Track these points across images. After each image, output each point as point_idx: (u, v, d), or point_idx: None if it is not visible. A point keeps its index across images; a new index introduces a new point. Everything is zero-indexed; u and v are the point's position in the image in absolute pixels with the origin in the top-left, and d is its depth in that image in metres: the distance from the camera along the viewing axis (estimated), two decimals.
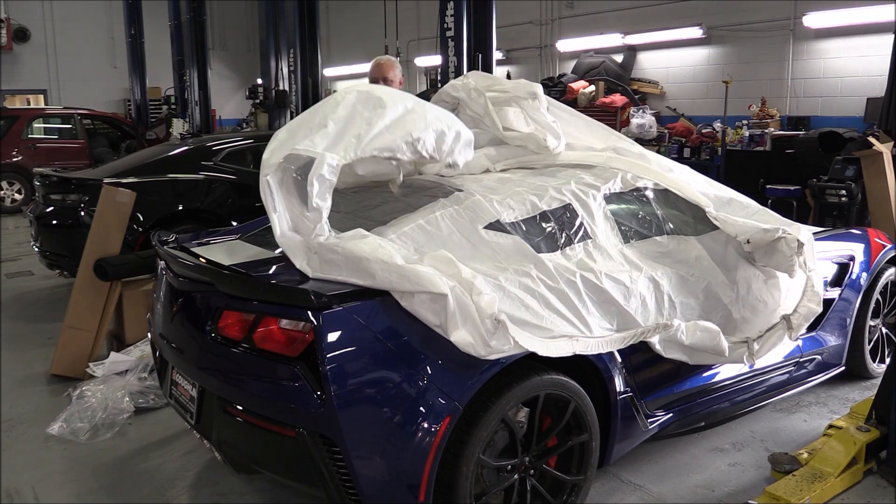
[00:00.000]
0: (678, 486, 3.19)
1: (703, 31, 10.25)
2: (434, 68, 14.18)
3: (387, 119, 2.79)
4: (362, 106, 2.81)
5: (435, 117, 2.94)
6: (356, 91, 2.90)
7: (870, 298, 4.12)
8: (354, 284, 2.43)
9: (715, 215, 3.25)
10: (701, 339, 2.94)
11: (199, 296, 2.77)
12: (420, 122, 2.86)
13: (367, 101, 2.83)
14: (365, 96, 2.86)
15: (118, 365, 4.17)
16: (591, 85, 11.22)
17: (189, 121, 13.87)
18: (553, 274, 2.68)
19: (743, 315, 3.17)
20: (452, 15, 7.16)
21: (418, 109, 2.91)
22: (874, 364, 4.25)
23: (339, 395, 2.30)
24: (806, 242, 3.16)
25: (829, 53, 9.17)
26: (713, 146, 9.67)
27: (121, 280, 4.59)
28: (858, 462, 3.15)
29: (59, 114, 13.62)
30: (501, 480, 2.66)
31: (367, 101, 2.84)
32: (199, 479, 3.30)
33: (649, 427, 3.05)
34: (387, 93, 2.92)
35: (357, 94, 2.87)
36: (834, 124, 8.51)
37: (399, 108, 2.85)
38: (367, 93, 2.89)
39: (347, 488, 2.38)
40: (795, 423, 3.80)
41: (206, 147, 6.78)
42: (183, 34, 14.14)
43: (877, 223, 6.57)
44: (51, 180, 6.25)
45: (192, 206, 6.26)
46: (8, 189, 12.27)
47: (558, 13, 12.52)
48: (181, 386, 2.91)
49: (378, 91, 2.93)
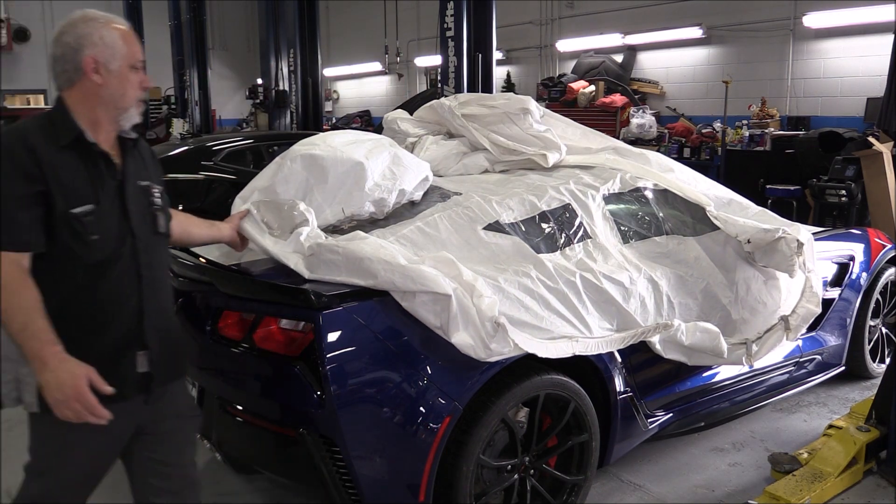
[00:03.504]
0: (678, 486, 3.19)
1: (702, 31, 10.25)
2: (434, 68, 14.18)
3: (326, 192, 2.86)
4: (308, 172, 2.86)
5: (375, 184, 2.93)
6: (300, 156, 2.90)
7: (870, 298, 4.12)
8: (353, 285, 2.43)
9: (715, 214, 3.25)
10: (700, 340, 2.95)
11: (199, 296, 2.77)
12: (356, 196, 2.88)
13: (311, 167, 2.86)
14: (309, 161, 2.88)
15: None
16: (591, 85, 11.21)
17: (189, 121, 13.87)
18: (552, 274, 2.68)
19: (742, 316, 3.17)
20: (452, 15, 7.16)
21: (358, 173, 2.90)
22: (874, 364, 4.25)
23: (339, 395, 2.30)
24: (806, 243, 3.16)
25: (829, 53, 9.16)
26: (713, 146, 9.66)
27: None
28: (858, 462, 3.15)
29: None
30: (501, 480, 2.66)
31: (312, 166, 2.86)
32: (200, 479, 3.29)
33: (649, 427, 3.05)
34: (329, 159, 2.89)
35: (301, 159, 2.88)
36: (834, 124, 8.50)
37: (339, 178, 2.87)
38: (310, 157, 2.89)
39: (347, 488, 2.38)
40: (795, 423, 3.80)
41: (206, 147, 6.77)
42: (183, 34, 14.14)
43: (877, 223, 6.57)
44: None
45: (192, 206, 6.24)
46: None
47: (558, 13, 12.51)
48: None
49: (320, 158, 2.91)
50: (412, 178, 3.05)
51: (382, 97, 17.00)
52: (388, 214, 2.98)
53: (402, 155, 3.11)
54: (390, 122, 3.89)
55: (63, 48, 1.85)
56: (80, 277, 1.83)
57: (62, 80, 1.87)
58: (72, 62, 1.85)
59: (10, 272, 1.74)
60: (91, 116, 1.87)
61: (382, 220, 2.95)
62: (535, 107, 3.48)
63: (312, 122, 10.89)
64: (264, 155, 7.06)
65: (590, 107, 10.95)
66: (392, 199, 2.97)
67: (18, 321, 1.73)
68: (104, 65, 1.86)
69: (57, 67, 1.86)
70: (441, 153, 3.58)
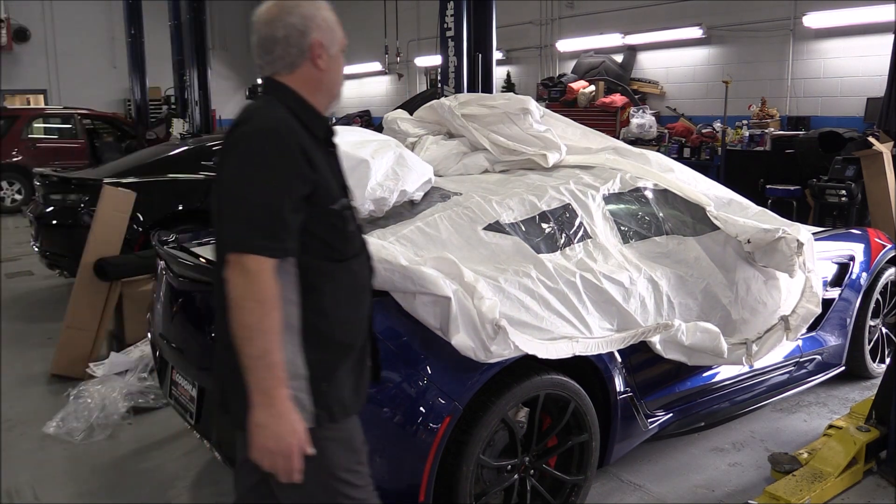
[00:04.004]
0: (678, 486, 3.19)
1: (703, 31, 10.25)
2: (434, 68, 14.17)
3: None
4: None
5: (377, 184, 2.92)
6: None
7: (870, 298, 4.11)
8: None
9: (715, 214, 3.25)
10: (701, 340, 2.94)
11: (199, 296, 2.77)
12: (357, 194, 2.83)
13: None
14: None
15: (118, 365, 4.17)
16: (591, 85, 11.21)
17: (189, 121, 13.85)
18: (553, 275, 2.68)
19: (742, 316, 3.17)
20: (452, 15, 7.16)
21: (362, 171, 2.87)
22: (874, 364, 4.25)
23: None
24: (806, 243, 3.16)
25: (829, 53, 9.16)
26: (713, 146, 9.67)
27: (121, 280, 4.59)
28: (858, 462, 3.15)
29: (59, 114, 13.61)
30: (501, 480, 2.66)
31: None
32: (199, 479, 3.30)
33: (649, 427, 3.05)
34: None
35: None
36: (834, 124, 8.50)
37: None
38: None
39: None
40: (795, 423, 3.80)
41: (206, 147, 6.77)
42: (183, 34, 14.11)
43: (877, 223, 6.56)
44: (51, 180, 6.25)
45: (192, 206, 6.25)
46: (8, 189, 12.27)
47: (558, 13, 12.51)
48: (181, 386, 2.91)
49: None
50: (415, 179, 3.05)
51: (382, 97, 17.01)
52: (388, 214, 2.98)
53: (407, 156, 3.12)
54: (390, 122, 3.89)
55: (287, 30, 1.69)
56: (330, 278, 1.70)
57: (281, 64, 1.73)
58: (297, 45, 1.71)
59: (271, 286, 1.55)
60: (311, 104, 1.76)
61: (382, 219, 2.95)
62: (535, 107, 3.48)
63: None
64: None
65: (590, 107, 10.95)
66: (393, 200, 2.97)
67: (259, 346, 1.53)
68: (326, 49, 1.74)
69: (277, 50, 1.71)
70: (441, 153, 3.59)
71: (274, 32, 1.70)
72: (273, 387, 1.55)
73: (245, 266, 1.55)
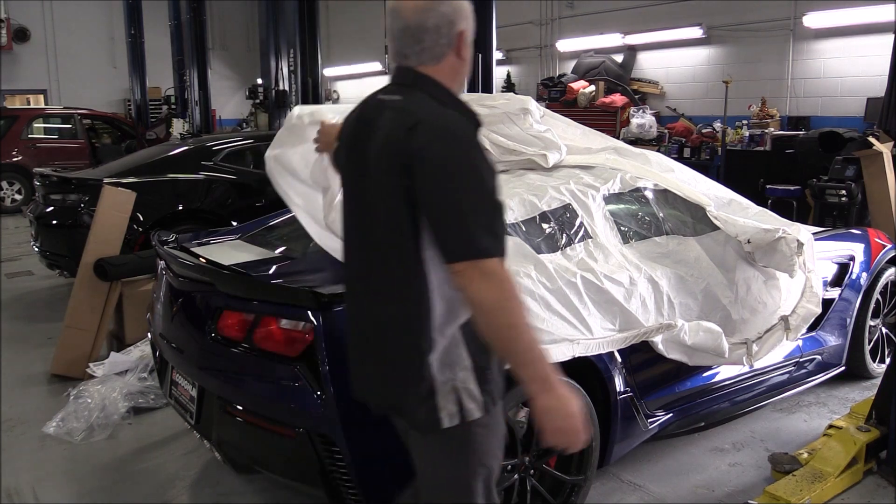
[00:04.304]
0: (678, 486, 3.19)
1: (703, 31, 10.25)
2: None
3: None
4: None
5: None
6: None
7: (870, 298, 4.11)
8: None
9: (715, 214, 3.25)
10: (703, 340, 2.94)
11: (199, 296, 2.77)
12: None
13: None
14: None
15: (118, 365, 4.17)
16: (591, 85, 11.21)
17: (189, 121, 13.85)
18: (553, 275, 2.68)
19: (742, 316, 3.17)
20: None
21: None
22: (874, 364, 4.24)
23: (338, 395, 2.30)
24: (806, 243, 3.16)
25: (829, 53, 9.16)
26: (713, 146, 9.67)
27: (121, 280, 4.59)
28: (858, 462, 3.15)
29: (59, 114, 13.61)
30: (501, 480, 2.65)
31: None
32: (199, 479, 3.30)
33: (649, 427, 3.05)
34: None
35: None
36: (834, 124, 8.50)
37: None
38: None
39: (347, 488, 2.38)
40: (795, 423, 3.80)
41: (206, 147, 6.77)
42: (183, 34, 14.12)
43: (877, 223, 6.56)
44: (51, 180, 6.26)
45: (192, 206, 6.26)
46: (8, 189, 12.27)
47: (558, 13, 12.51)
48: (181, 386, 2.91)
49: None
50: None
51: None
52: None
53: None
54: None
55: (438, 19, 1.64)
56: None
57: (429, 55, 1.67)
58: (446, 36, 1.66)
59: (515, 283, 1.57)
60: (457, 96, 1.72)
61: None
62: (535, 107, 3.48)
63: None
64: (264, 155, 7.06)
65: (590, 107, 10.95)
66: None
67: (526, 340, 1.57)
68: (467, 41, 1.71)
69: (427, 40, 1.65)
70: None
71: (425, 21, 1.65)
72: (549, 373, 1.59)
73: (484, 270, 1.54)
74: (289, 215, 3.60)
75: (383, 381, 1.78)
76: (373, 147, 1.67)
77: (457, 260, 1.55)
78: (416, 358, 1.66)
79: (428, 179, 1.56)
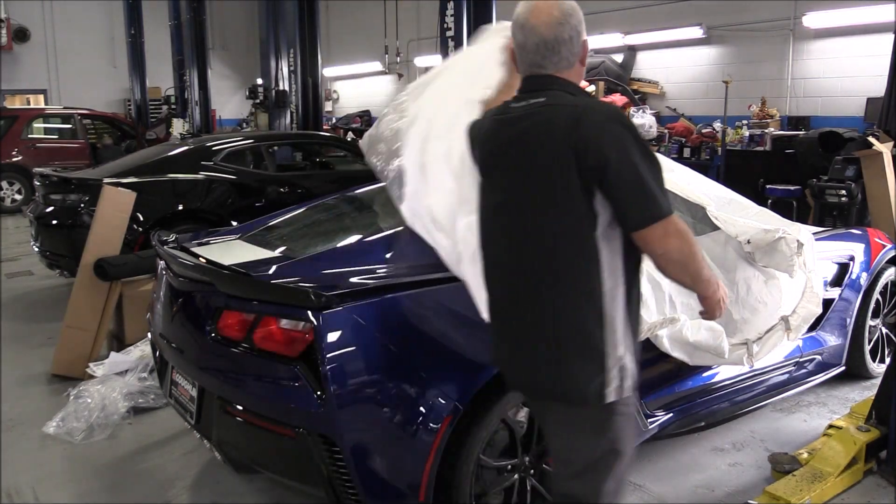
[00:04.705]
0: (678, 486, 3.19)
1: (703, 31, 10.25)
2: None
3: None
4: None
5: None
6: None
7: (870, 298, 4.11)
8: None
9: (716, 215, 3.25)
10: (705, 338, 2.94)
11: (199, 296, 2.77)
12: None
13: None
14: None
15: (118, 365, 4.17)
16: (591, 85, 11.21)
17: (189, 121, 13.86)
18: None
19: (742, 316, 3.17)
20: (452, 15, 7.15)
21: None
22: (874, 364, 4.24)
23: (339, 395, 2.30)
24: (806, 243, 3.16)
25: (828, 53, 9.16)
26: (713, 146, 9.67)
27: (121, 280, 4.59)
28: (858, 462, 3.15)
29: (59, 114, 13.61)
30: (501, 480, 2.66)
31: None
32: (199, 479, 3.30)
33: (649, 427, 3.05)
34: None
35: None
36: (834, 124, 8.50)
37: None
38: None
39: (347, 488, 2.38)
40: (795, 423, 3.80)
41: (206, 147, 6.77)
42: (183, 34, 14.13)
43: (877, 223, 6.56)
44: (51, 180, 6.26)
45: (192, 206, 6.26)
46: (8, 189, 12.27)
47: None
48: (181, 386, 2.91)
49: None
50: None
51: (382, 97, 16.99)
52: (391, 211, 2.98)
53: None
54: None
55: (571, 31, 1.83)
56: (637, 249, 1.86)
57: (564, 64, 1.85)
58: (577, 45, 1.85)
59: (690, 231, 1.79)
60: None
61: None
62: None
63: (312, 122, 10.88)
64: (264, 155, 7.07)
65: None
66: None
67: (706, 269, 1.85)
68: (587, 49, 1.89)
69: (563, 51, 1.83)
70: None
71: (561, 34, 1.82)
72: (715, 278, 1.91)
73: (669, 228, 1.73)
74: (289, 215, 3.60)
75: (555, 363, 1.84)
76: (537, 143, 1.79)
77: (647, 224, 1.72)
78: (598, 336, 1.79)
79: (607, 158, 1.69)
